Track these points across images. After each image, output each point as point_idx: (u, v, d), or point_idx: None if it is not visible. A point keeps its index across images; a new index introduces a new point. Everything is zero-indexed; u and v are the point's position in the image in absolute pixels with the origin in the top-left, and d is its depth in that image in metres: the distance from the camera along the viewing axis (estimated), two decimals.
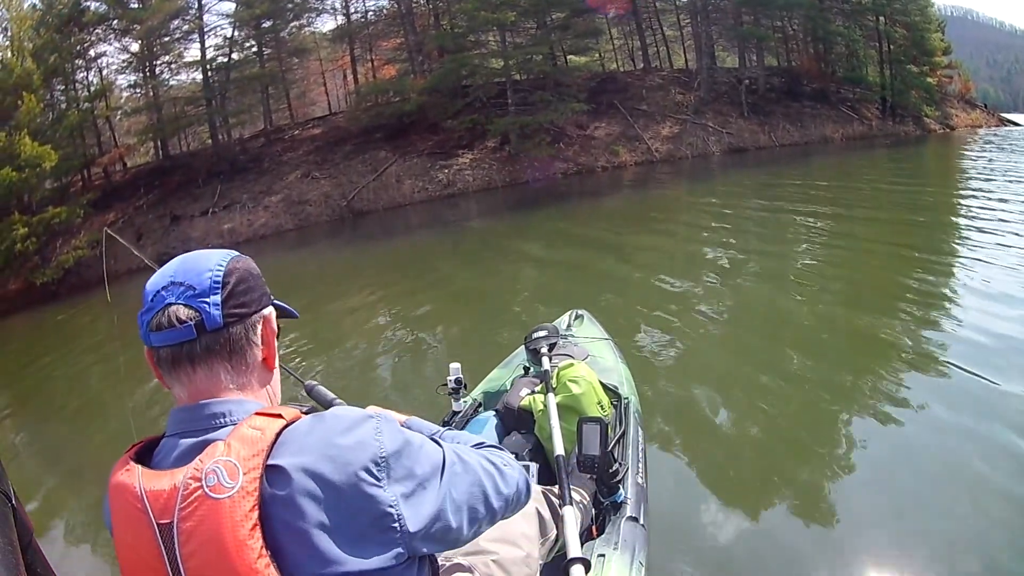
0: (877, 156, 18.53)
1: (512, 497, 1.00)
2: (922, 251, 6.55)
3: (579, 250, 8.99)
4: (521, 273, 8.05)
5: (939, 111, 24.59)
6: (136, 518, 0.77)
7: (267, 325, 0.91)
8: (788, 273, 6.24)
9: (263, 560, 0.73)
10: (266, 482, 0.75)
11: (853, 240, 7.52)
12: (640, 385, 2.71)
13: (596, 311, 3.38)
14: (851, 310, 4.97)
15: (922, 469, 2.78)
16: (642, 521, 1.82)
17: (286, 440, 0.78)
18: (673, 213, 11.62)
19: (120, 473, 0.81)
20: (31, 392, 7.32)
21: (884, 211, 9.49)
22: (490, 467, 0.97)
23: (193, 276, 0.85)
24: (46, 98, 17.85)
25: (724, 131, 21.33)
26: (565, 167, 19.33)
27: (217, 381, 0.85)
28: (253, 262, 0.94)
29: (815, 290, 5.60)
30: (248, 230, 17.06)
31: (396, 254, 11.67)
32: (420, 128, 19.45)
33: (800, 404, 3.53)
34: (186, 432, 0.83)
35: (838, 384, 3.70)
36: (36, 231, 15.18)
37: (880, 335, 4.34)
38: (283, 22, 19.97)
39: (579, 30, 20.72)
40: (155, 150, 20.11)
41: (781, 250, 7.40)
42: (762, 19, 22.51)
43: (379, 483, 0.78)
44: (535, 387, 2.25)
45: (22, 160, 15.34)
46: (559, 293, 6.32)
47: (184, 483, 0.75)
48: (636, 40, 24.76)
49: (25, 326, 12.73)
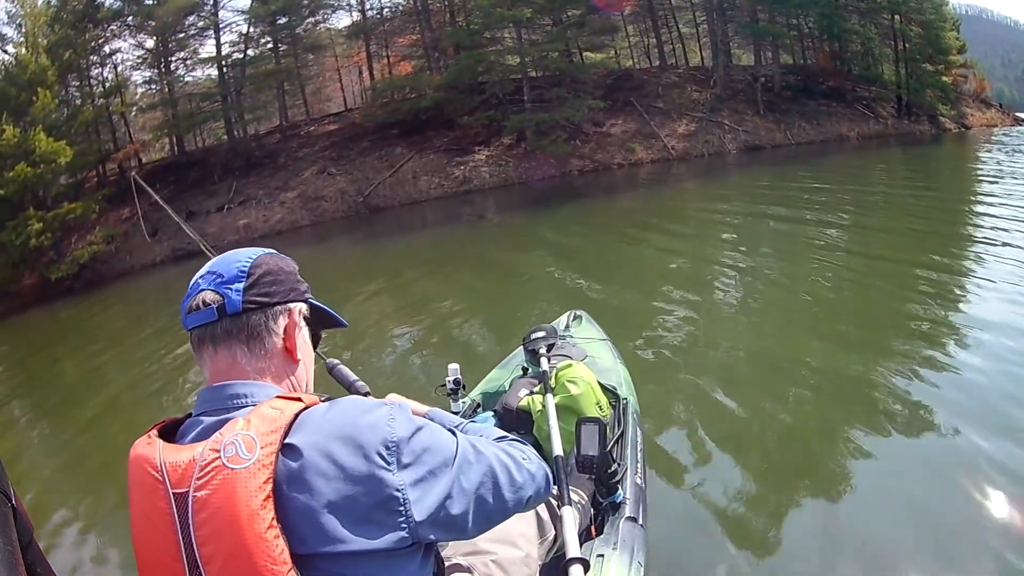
0: (893, 156, 18.01)
1: (528, 491, 0.99)
2: (939, 256, 6.14)
3: (588, 249, 8.76)
4: (529, 272, 7.78)
5: (954, 110, 24.09)
6: (152, 487, 0.78)
7: (291, 318, 0.93)
8: (795, 278, 5.96)
9: (273, 531, 0.73)
10: (281, 458, 0.76)
11: (865, 245, 7.03)
12: (639, 386, 2.65)
13: (598, 310, 3.35)
14: (858, 314, 4.78)
15: (930, 480, 2.67)
16: (641, 521, 1.81)
17: (303, 421, 0.80)
18: (685, 214, 11.22)
19: (142, 447, 0.83)
20: (41, 386, 7.13)
21: (900, 218, 8.67)
22: (507, 459, 0.96)
23: (225, 266, 0.91)
24: (61, 94, 17.65)
25: (740, 129, 20.94)
26: (581, 164, 19.00)
27: (235, 363, 0.88)
28: (290, 261, 0.99)
29: (821, 295, 5.38)
30: (264, 226, 16.70)
31: (408, 251, 11.42)
32: (436, 124, 19.10)
33: (800, 405, 3.47)
34: (208, 411, 0.85)
35: (840, 386, 3.61)
36: (51, 226, 15.01)
37: (889, 341, 4.15)
38: (298, 18, 19.62)
39: (595, 27, 20.39)
40: (170, 146, 19.79)
41: (790, 254, 7.04)
42: (777, 16, 22.11)
43: (388, 467, 0.79)
44: (534, 388, 2.23)
45: (37, 156, 15.18)
46: (567, 291, 6.23)
47: (203, 455, 0.76)
48: (652, 37, 24.36)
49: (40, 320, 12.54)
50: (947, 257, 6.12)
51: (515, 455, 0.99)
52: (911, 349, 3.98)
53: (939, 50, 23.39)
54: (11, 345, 10.91)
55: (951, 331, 4.21)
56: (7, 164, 14.87)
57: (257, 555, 0.73)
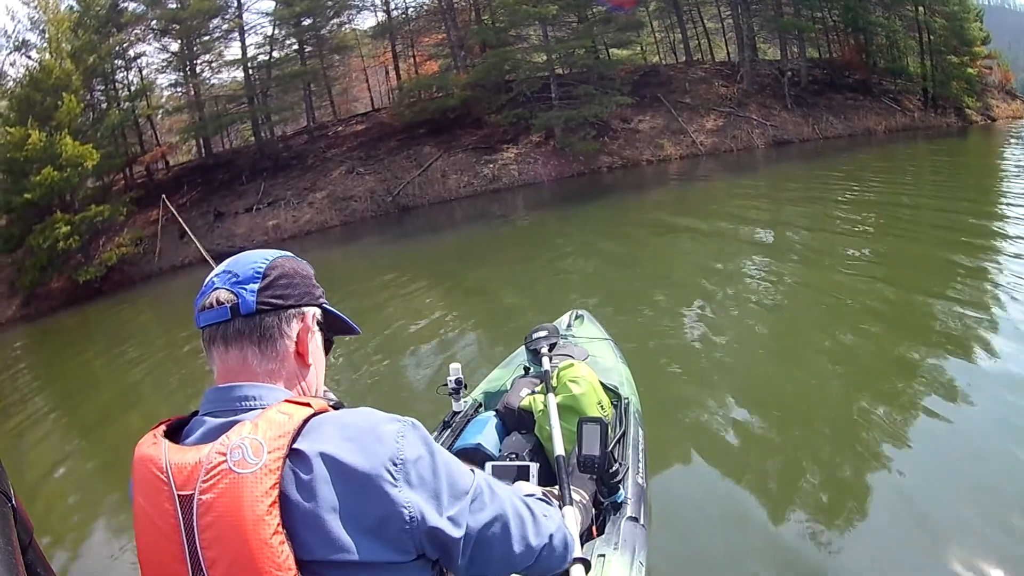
0: (921, 150, 17.09)
1: (542, 549, 0.93)
2: (970, 259, 5.51)
3: (611, 248, 8.40)
4: (552, 272, 7.42)
5: (980, 102, 23.35)
6: (157, 489, 0.76)
7: (304, 322, 0.90)
8: (810, 283, 5.56)
9: (278, 537, 0.71)
10: (289, 464, 0.74)
11: (891, 255, 6.24)
12: (640, 385, 2.57)
13: (606, 310, 3.44)
14: (868, 319, 4.40)
15: (936, 477, 2.53)
16: (642, 521, 1.75)
17: (312, 427, 0.77)
18: (711, 212, 10.32)
19: (147, 446, 0.80)
20: (63, 387, 7.02)
21: (936, 221, 7.61)
22: (524, 511, 0.92)
23: (240, 266, 0.88)
24: (86, 98, 17.14)
25: (768, 123, 20.25)
26: (610, 161, 18.42)
27: (246, 364, 0.85)
28: (306, 265, 0.95)
29: (832, 298, 5.00)
30: (293, 226, 16.03)
31: (437, 250, 11.10)
32: (464, 123, 18.48)
33: (802, 406, 3.34)
34: (215, 412, 0.82)
35: (845, 388, 3.45)
36: (79, 229, 14.59)
37: (899, 350, 3.84)
38: (323, 20, 19.05)
39: (620, 23, 19.75)
40: (197, 148, 19.18)
41: (809, 257, 6.54)
42: (802, 10, 21.46)
43: (395, 483, 0.76)
44: (535, 387, 2.18)
45: (63, 159, 14.88)
46: (583, 290, 6.10)
47: (209, 457, 0.74)
48: (677, 32, 23.73)
49: (68, 322, 12.13)
50: (981, 256, 5.57)
51: (535, 509, 0.95)
52: (928, 351, 3.70)
53: (963, 41, 22.66)
54: (38, 347, 10.68)
55: (978, 340, 3.79)
56: (33, 168, 14.56)
57: (261, 560, 0.70)
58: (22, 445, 5.14)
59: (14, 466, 3.94)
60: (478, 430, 2.07)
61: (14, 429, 5.66)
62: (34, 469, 4.35)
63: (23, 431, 5.57)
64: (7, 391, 7.44)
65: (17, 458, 4.64)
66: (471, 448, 1.96)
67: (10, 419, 6.05)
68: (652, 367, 3.91)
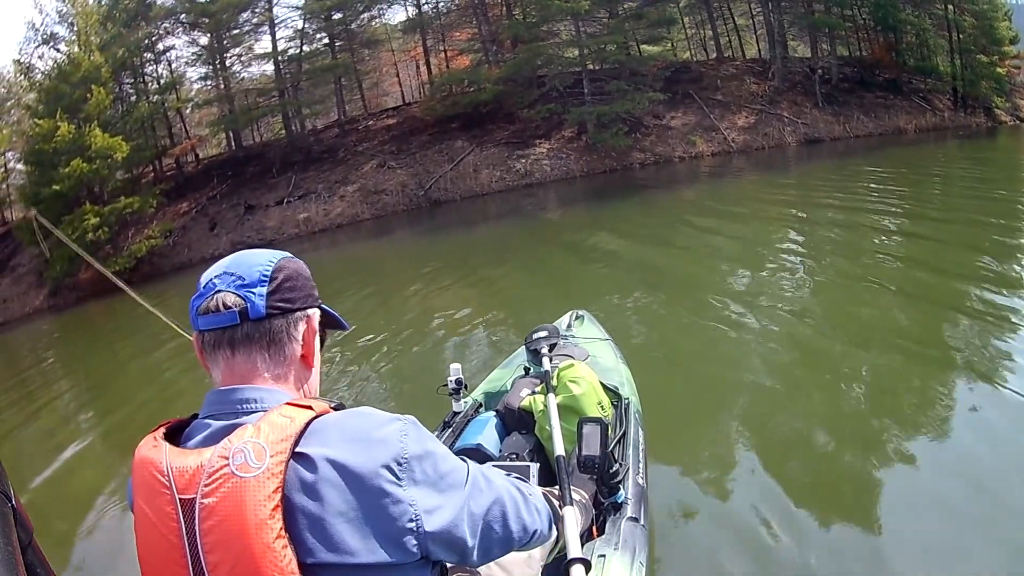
0: (952, 151, 16.18)
1: (533, 527, 0.94)
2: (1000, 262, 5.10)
3: (637, 251, 7.90)
4: (576, 273, 7.09)
5: (1009, 102, 22.49)
6: (158, 492, 0.73)
7: (309, 325, 0.87)
8: (825, 289, 5.26)
9: (281, 540, 0.69)
10: (291, 468, 0.72)
11: (918, 262, 5.65)
12: (641, 386, 2.45)
13: (614, 308, 3.73)
14: (879, 325, 4.16)
15: (947, 491, 2.34)
16: (643, 521, 1.71)
17: (315, 430, 0.75)
18: (734, 216, 9.52)
19: (147, 449, 0.77)
20: (85, 380, 6.83)
21: (967, 224, 6.91)
22: (516, 493, 0.93)
23: (244, 268, 0.83)
24: (115, 91, 16.52)
25: (799, 121, 19.43)
26: (643, 157, 17.63)
27: (253, 368, 0.81)
28: (304, 265, 0.91)
29: (841, 303, 4.79)
30: (324, 219, 15.24)
31: (465, 245, 10.65)
32: (496, 118, 17.69)
33: (803, 406, 3.21)
34: (217, 414, 0.79)
35: (848, 390, 3.29)
36: (108, 221, 14.02)
37: (905, 353, 3.64)
38: (353, 14, 18.31)
39: (652, 19, 18.95)
40: (227, 141, 18.44)
41: (828, 265, 6.09)
42: (833, 7, 20.68)
43: (399, 482, 0.74)
44: (535, 387, 2.13)
45: (93, 151, 14.34)
46: (601, 288, 5.91)
47: (211, 461, 0.71)
48: (708, 29, 22.92)
49: (96, 313, 11.67)
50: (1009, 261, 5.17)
51: (523, 490, 0.96)
52: (945, 360, 3.45)
53: (993, 40, 21.82)
54: (65, 337, 10.24)
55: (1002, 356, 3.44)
56: (62, 160, 14.08)
57: (264, 564, 0.69)
58: (22, 445, 4.98)
59: (14, 466, 3.33)
60: (478, 430, 2.02)
61: (19, 425, 5.42)
62: (34, 469, 4.18)
63: (30, 425, 5.37)
64: (31, 381, 7.11)
65: (17, 458, 4.50)
66: (471, 448, 1.90)
67: (19, 413, 5.82)
68: (652, 367, 3.77)
